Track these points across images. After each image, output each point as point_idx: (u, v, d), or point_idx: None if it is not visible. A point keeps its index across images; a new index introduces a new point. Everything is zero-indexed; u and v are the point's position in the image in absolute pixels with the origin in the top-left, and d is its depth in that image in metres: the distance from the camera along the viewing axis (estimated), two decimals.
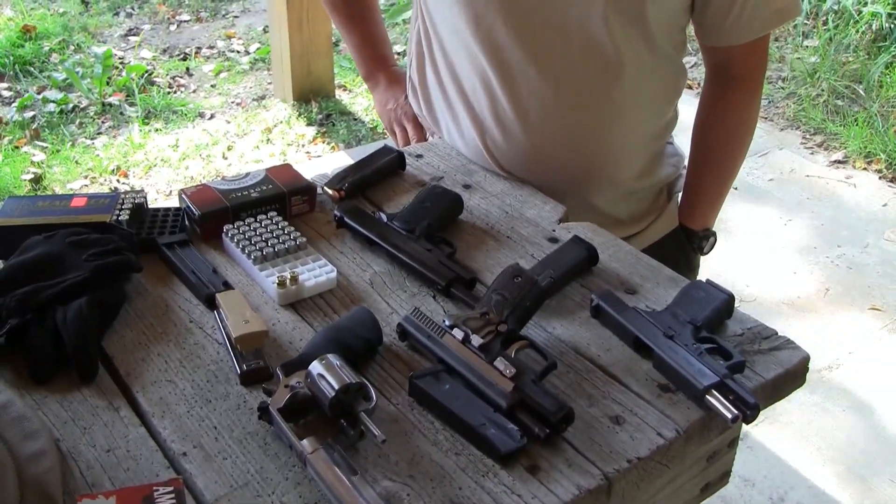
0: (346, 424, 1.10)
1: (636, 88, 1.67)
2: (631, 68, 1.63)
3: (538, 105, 1.67)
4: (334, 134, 4.98)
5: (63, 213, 1.49)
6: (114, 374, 1.24)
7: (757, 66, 1.77)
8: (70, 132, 4.86)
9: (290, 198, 1.58)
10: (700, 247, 1.92)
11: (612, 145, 1.72)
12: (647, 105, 1.74)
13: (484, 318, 1.25)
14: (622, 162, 1.75)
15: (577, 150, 1.71)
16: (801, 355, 1.29)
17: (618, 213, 1.80)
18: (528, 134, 1.69)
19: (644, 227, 1.85)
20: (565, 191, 1.71)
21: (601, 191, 1.77)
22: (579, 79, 1.65)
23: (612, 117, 1.69)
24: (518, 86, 1.66)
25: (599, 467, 1.09)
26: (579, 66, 1.63)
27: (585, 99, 1.67)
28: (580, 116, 1.68)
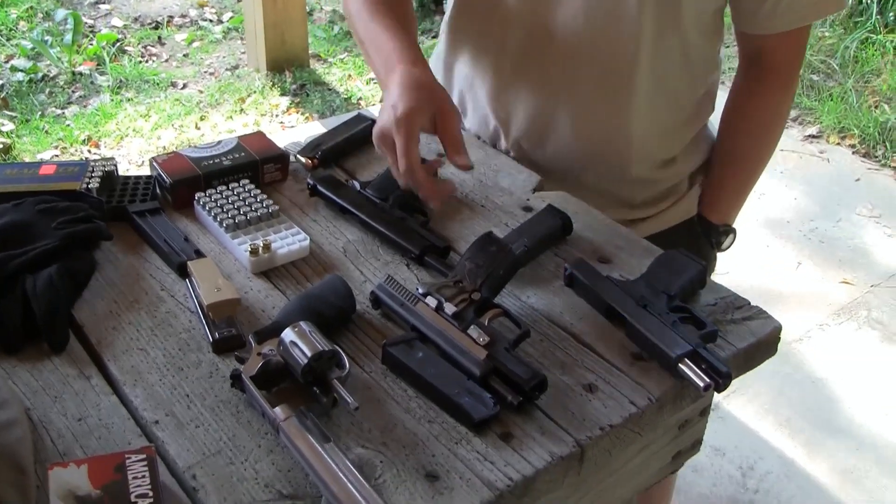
0: (319, 392, 1.10)
1: (658, 73, 1.59)
2: (654, 49, 1.55)
3: (552, 77, 1.62)
4: (308, 104, 4.95)
5: (32, 181, 1.48)
6: (85, 342, 1.23)
7: (793, 58, 1.69)
8: (40, 102, 4.80)
9: (263, 166, 1.57)
10: (718, 242, 1.83)
11: (629, 130, 1.65)
12: (668, 92, 1.65)
13: (457, 287, 1.25)
14: (638, 149, 1.67)
15: (590, 130, 1.65)
16: (773, 325, 1.29)
17: (629, 198, 1.74)
18: (538, 106, 1.65)
19: (656, 213, 1.77)
20: (570, 172, 1.67)
21: (612, 177, 1.70)
22: (600, 52, 1.57)
23: (630, 100, 1.61)
24: (536, 56, 1.61)
25: (572, 434, 1.09)
26: (601, 40, 1.56)
27: (604, 76, 1.60)
28: (597, 93, 1.62)
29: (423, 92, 1.37)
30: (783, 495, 2.81)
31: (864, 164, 4.60)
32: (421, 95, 1.36)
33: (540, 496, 1.06)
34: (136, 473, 0.98)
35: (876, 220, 4.18)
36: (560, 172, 1.67)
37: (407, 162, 1.30)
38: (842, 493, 2.82)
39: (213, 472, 1.03)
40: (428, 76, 1.43)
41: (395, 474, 1.03)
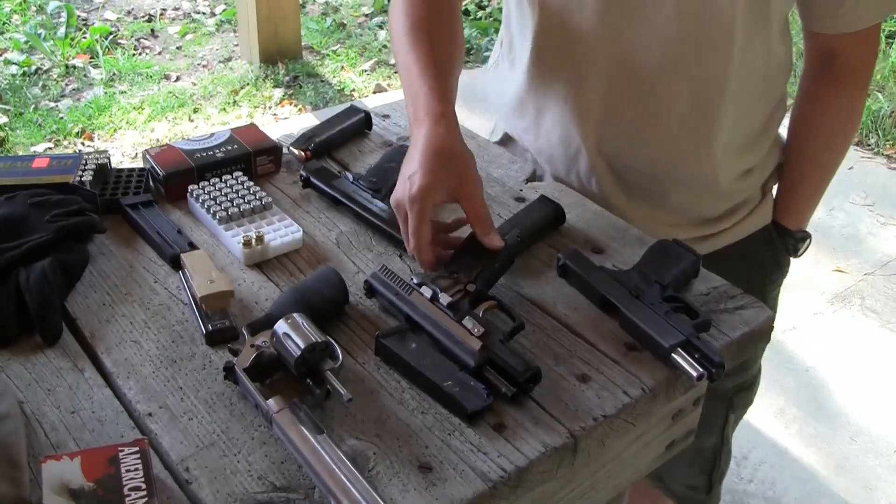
0: (312, 384, 1.10)
1: (745, 83, 1.51)
2: (743, 50, 1.47)
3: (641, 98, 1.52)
4: (301, 96, 4.94)
5: (25, 174, 1.48)
6: (78, 335, 1.23)
7: (869, 56, 1.62)
8: (33, 95, 4.79)
9: (256, 158, 1.57)
10: (795, 248, 1.76)
11: (716, 145, 1.56)
12: (752, 101, 1.57)
13: (453, 278, 1.25)
14: (722, 163, 1.58)
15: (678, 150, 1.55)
16: (765, 314, 1.29)
17: (709, 212, 1.66)
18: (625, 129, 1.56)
19: (732, 225, 1.68)
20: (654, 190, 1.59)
21: (697, 192, 1.62)
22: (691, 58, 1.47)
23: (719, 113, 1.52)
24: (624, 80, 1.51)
25: (565, 425, 1.09)
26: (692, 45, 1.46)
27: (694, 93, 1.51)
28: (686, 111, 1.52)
29: (443, 162, 1.29)
30: (777, 485, 2.81)
31: (858, 152, 4.60)
32: (440, 167, 1.28)
33: (533, 487, 1.06)
34: (130, 466, 0.98)
35: (869, 208, 4.18)
36: (645, 188, 1.60)
37: (417, 241, 1.27)
38: (836, 482, 2.82)
39: (206, 465, 1.03)
40: (451, 139, 1.33)
41: (389, 466, 1.03)
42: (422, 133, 1.32)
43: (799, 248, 1.77)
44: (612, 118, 1.54)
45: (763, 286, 1.73)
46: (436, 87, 1.37)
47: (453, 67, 1.46)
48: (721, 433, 1.85)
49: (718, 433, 1.84)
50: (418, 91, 1.38)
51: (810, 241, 1.78)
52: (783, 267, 1.80)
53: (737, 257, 1.62)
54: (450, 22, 1.50)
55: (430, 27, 1.46)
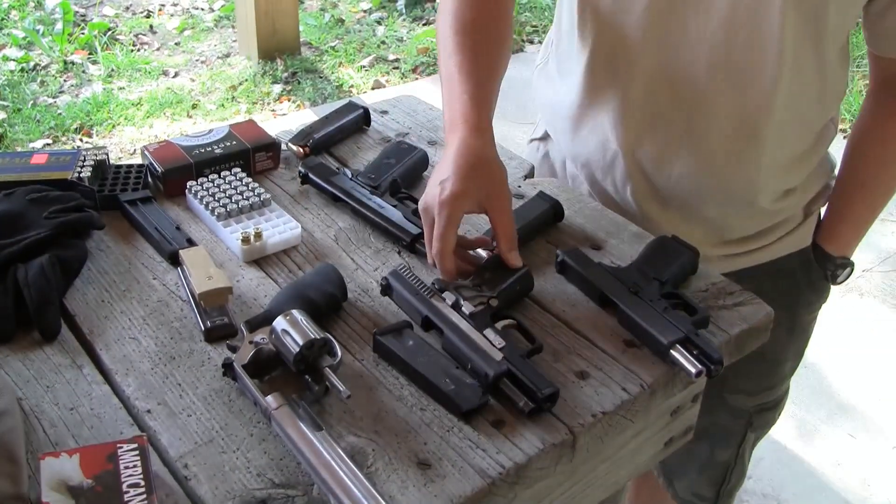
0: (311, 380, 1.10)
1: (793, 96, 1.44)
2: (791, 68, 1.40)
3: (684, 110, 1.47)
4: (300, 92, 4.94)
5: (23, 171, 1.47)
6: (76, 331, 1.23)
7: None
8: (31, 91, 4.79)
9: (254, 154, 1.57)
10: (834, 275, 1.69)
11: (759, 162, 1.50)
12: (800, 119, 1.50)
13: (476, 289, 1.24)
14: (764, 180, 1.53)
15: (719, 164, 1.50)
16: (764, 311, 1.29)
17: (747, 228, 1.60)
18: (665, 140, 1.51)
19: (769, 244, 1.63)
20: (690, 202, 1.54)
21: (734, 209, 1.57)
22: (737, 75, 1.42)
23: (764, 131, 1.46)
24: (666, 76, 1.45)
25: (564, 421, 1.09)
26: (739, 62, 1.40)
27: (739, 107, 1.45)
28: (730, 126, 1.47)
29: (476, 171, 1.27)
30: (776, 481, 2.82)
31: None
32: (473, 175, 1.26)
33: (532, 483, 1.06)
34: (128, 463, 0.98)
35: None
36: (680, 200, 1.55)
37: (441, 247, 1.24)
38: (835, 479, 2.83)
39: (204, 461, 1.03)
40: (487, 150, 1.32)
41: (387, 462, 1.03)
42: (457, 140, 1.30)
43: (839, 275, 1.69)
44: (653, 127, 1.50)
45: (796, 308, 1.69)
46: (477, 95, 1.35)
47: (497, 76, 1.44)
48: (737, 450, 1.82)
49: (734, 449, 1.82)
50: (459, 97, 1.36)
51: (852, 269, 1.71)
52: (821, 292, 1.73)
53: (769, 275, 1.58)
54: (500, 28, 1.47)
55: (478, 31, 1.43)
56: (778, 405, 1.83)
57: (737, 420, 1.77)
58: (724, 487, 1.89)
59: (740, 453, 1.84)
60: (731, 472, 1.87)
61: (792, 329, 1.69)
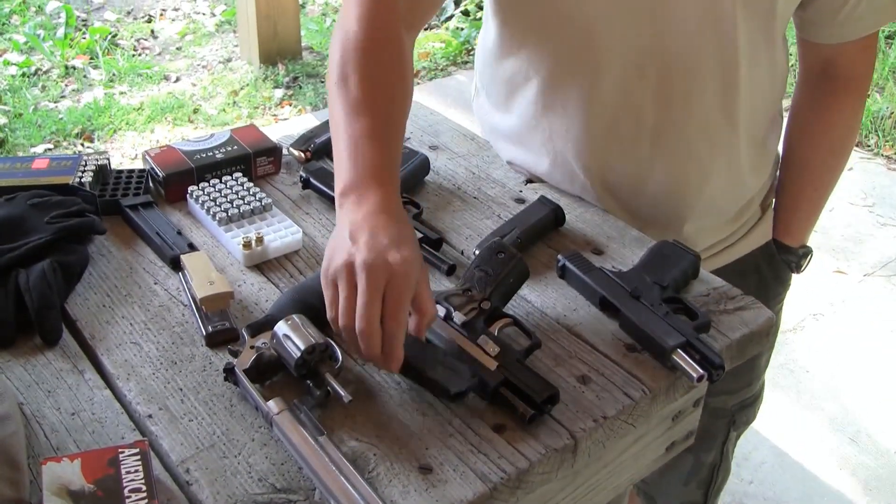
0: (313, 385, 1.10)
1: (749, 93, 1.45)
2: (746, 67, 1.42)
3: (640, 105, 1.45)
4: (301, 96, 4.94)
5: (24, 176, 1.48)
6: (78, 336, 1.23)
7: (868, 65, 1.57)
8: (33, 96, 4.79)
9: (256, 159, 1.57)
10: (798, 265, 1.73)
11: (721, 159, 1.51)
12: (755, 112, 1.51)
13: (467, 295, 1.22)
14: (728, 183, 1.54)
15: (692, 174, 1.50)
16: (766, 315, 1.29)
17: (714, 238, 1.61)
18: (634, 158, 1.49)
19: (733, 243, 1.65)
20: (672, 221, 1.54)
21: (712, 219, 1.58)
22: (693, 79, 1.42)
23: (733, 132, 1.48)
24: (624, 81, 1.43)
25: (566, 426, 1.09)
26: (694, 65, 1.40)
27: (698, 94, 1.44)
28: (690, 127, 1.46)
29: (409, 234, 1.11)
30: (778, 486, 2.81)
31: (857, 153, 4.59)
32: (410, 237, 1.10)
33: (534, 488, 1.06)
34: (130, 467, 0.98)
35: (869, 208, 4.18)
36: (662, 222, 1.54)
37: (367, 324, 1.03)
38: (837, 483, 2.82)
39: (206, 466, 1.03)
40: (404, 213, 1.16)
41: (389, 467, 1.03)
42: (376, 198, 1.12)
43: (801, 265, 1.73)
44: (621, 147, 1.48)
45: (766, 301, 1.66)
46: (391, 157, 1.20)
47: (402, 131, 1.27)
48: (721, 450, 1.83)
49: (718, 450, 1.83)
50: (366, 154, 1.17)
51: (812, 255, 1.74)
52: (785, 282, 1.76)
53: (736, 274, 1.56)
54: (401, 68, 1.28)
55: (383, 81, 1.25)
56: (756, 400, 1.84)
57: (719, 421, 1.78)
58: (712, 488, 1.90)
59: (724, 452, 1.85)
60: (717, 472, 1.88)
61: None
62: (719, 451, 1.83)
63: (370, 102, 1.21)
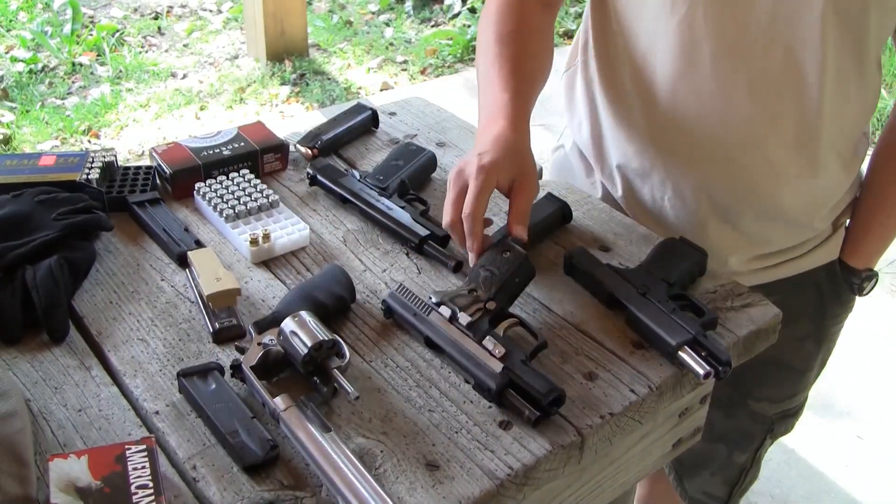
0: (319, 382, 1.10)
1: (834, 106, 1.44)
2: (833, 81, 1.40)
3: (721, 108, 1.45)
4: (308, 93, 4.94)
5: (31, 172, 1.48)
6: (85, 333, 1.23)
7: None
8: (40, 92, 4.80)
9: (263, 155, 1.57)
10: (860, 287, 1.68)
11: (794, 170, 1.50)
12: (839, 127, 1.49)
13: (472, 296, 1.22)
14: (801, 193, 1.53)
15: (753, 166, 1.49)
16: (772, 312, 1.29)
17: (771, 241, 1.59)
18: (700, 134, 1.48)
19: (798, 255, 1.62)
20: (720, 207, 1.54)
21: (764, 218, 1.55)
22: (775, 84, 1.41)
23: (804, 136, 1.46)
24: (702, 80, 1.44)
25: (572, 423, 1.09)
26: (778, 71, 1.40)
27: (778, 108, 1.44)
28: (767, 126, 1.45)
29: (513, 155, 1.31)
30: (784, 483, 2.81)
31: None
32: (511, 157, 1.30)
33: (541, 484, 1.06)
34: (137, 464, 0.98)
35: None
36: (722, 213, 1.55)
37: (473, 209, 1.26)
38: (843, 481, 2.82)
39: (213, 463, 1.03)
40: (525, 145, 1.35)
41: (396, 464, 1.03)
42: (497, 129, 1.34)
43: (864, 288, 1.69)
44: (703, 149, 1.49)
45: (822, 320, 1.69)
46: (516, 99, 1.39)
47: (536, 85, 1.46)
48: (754, 454, 1.83)
49: (752, 454, 1.82)
50: (498, 99, 1.39)
51: (877, 280, 1.71)
52: (846, 303, 1.73)
53: (794, 288, 1.56)
54: (539, 40, 1.50)
55: (518, 42, 1.46)
56: (798, 412, 1.82)
57: (758, 425, 1.77)
58: (738, 488, 1.89)
59: (757, 457, 1.84)
60: (745, 474, 1.87)
61: (819, 340, 1.70)
62: (752, 454, 1.83)
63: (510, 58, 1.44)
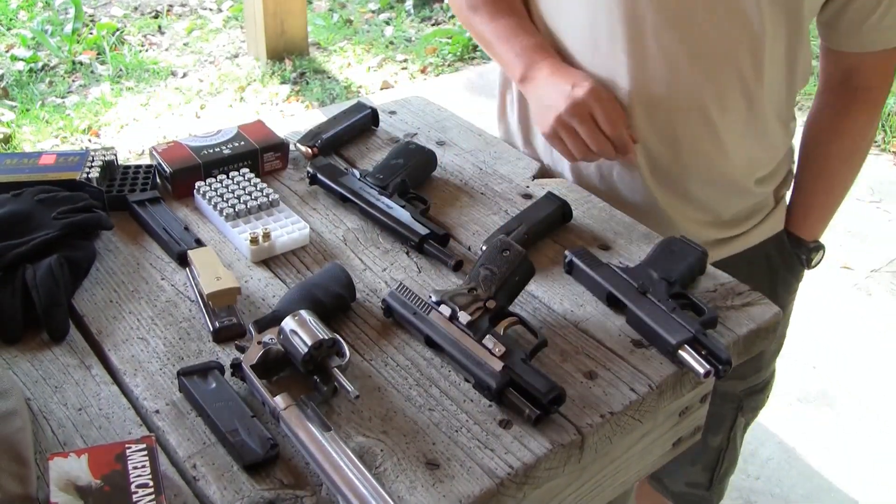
0: (319, 381, 1.10)
1: (773, 73, 1.51)
2: (772, 48, 1.47)
3: (665, 74, 1.49)
4: (308, 92, 4.94)
5: (31, 171, 1.48)
6: (85, 332, 1.23)
7: (886, 77, 1.61)
8: (40, 91, 4.80)
9: (263, 154, 1.57)
10: (809, 259, 1.76)
11: (735, 131, 1.55)
12: (779, 95, 1.56)
13: (472, 294, 1.21)
14: (743, 156, 1.59)
15: (696, 132, 1.54)
16: (772, 311, 1.29)
17: (720, 212, 1.65)
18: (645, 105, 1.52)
19: (745, 231, 1.69)
20: (665, 176, 1.58)
21: (708, 183, 1.60)
22: (717, 50, 1.47)
23: (745, 101, 1.52)
24: (647, 51, 1.47)
25: (573, 421, 1.09)
26: (720, 37, 1.45)
27: (721, 74, 1.49)
28: (710, 93, 1.50)
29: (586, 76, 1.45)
30: (784, 482, 2.81)
31: None
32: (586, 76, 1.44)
33: (541, 483, 1.06)
34: (137, 463, 0.98)
35: (876, 204, 4.17)
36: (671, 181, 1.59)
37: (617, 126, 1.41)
38: (843, 480, 2.82)
39: (213, 462, 1.03)
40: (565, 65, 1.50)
41: (396, 463, 1.03)
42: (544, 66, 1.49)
43: (812, 259, 1.76)
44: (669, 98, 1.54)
45: (776, 289, 1.73)
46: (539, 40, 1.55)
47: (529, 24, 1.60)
48: (728, 434, 1.84)
49: (725, 434, 1.84)
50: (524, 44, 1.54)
51: (824, 252, 1.77)
52: (796, 272, 1.79)
53: (745, 263, 1.60)
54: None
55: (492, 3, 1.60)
56: (766, 388, 1.87)
57: (727, 405, 1.80)
58: (717, 472, 1.92)
59: (731, 437, 1.86)
60: (723, 456, 1.90)
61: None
62: (726, 435, 1.85)
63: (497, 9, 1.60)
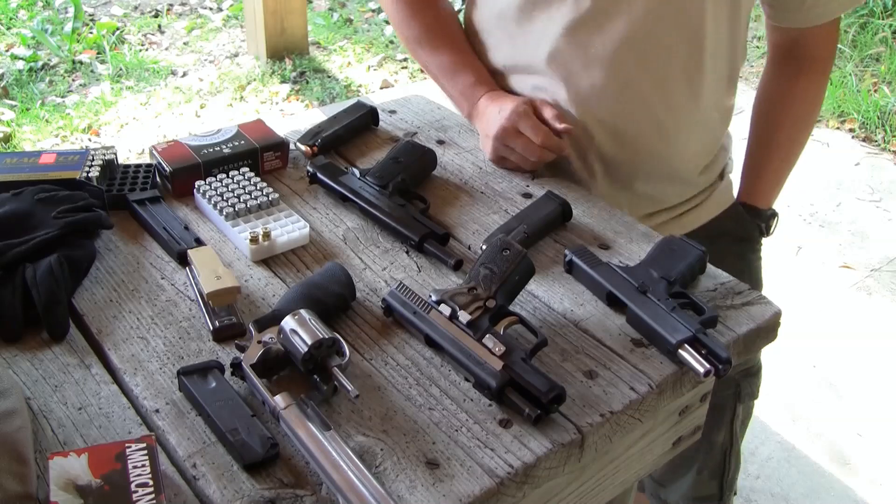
0: (319, 380, 1.10)
1: (713, 65, 1.59)
2: (712, 40, 1.55)
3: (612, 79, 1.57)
4: (308, 91, 4.94)
5: (31, 170, 1.48)
6: (85, 331, 1.23)
7: (830, 46, 1.72)
8: (40, 90, 4.79)
9: (263, 153, 1.57)
10: (767, 227, 1.85)
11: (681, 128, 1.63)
12: (719, 84, 1.64)
13: (472, 294, 1.21)
14: (689, 150, 1.68)
15: (644, 131, 1.62)
16: (773, 310, 1.29)
17: (665, 202, 1.73)
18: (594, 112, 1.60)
19: (695, 206, 1.76)
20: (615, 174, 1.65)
21: (655, 178, 1.68)
22: (661, 44, 1.54)
23: (689, 94, 1.60)
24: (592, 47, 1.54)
25: (573, 421, 1.09)
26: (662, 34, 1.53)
27: (664, 72, 1.57)
28: (656, 93, 1.58)
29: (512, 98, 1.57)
30: (784, 481, 2.81)
31: (864, 148, 4.58)
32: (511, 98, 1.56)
33: (541, 483, 1.06)
34: (137, 462, 0.98)
35: (876, 204, 4.17)
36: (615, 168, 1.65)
37: (544, 133, 1.51)
38: (843, 478, 2.82)
39: (213, 461, 1.03)
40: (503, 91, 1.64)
41: (396, 462, 1.03)
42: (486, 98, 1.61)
43: (770, 226, 1.86)
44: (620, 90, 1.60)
45: (743, 256, 1.80)
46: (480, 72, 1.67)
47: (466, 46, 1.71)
48: (730, 427, 1.84)
49: (727, 427, 1.84)
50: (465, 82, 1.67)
51: (778, 218, 1.87)
52: (756, 245, 1.86)
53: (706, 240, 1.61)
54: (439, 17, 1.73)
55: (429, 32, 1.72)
56: (758, 371, 1.90)
57: (725, 391, 1.81)
58: (726, 478, 1.91)
59: (734, 431, 1.88)
60: (729, 457, 1.90)
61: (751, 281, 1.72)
62: (728, 429, 1.86)
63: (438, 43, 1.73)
